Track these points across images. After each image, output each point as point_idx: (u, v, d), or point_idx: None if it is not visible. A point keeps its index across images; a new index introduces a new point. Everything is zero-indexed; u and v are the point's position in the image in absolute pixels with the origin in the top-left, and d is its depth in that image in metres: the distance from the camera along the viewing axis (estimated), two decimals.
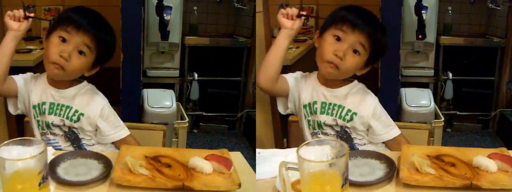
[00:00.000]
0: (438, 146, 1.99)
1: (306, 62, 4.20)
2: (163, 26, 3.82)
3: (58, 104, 2.21)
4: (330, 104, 2.23)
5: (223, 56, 4.44)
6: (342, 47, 2.11)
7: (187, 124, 2.73)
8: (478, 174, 1.75)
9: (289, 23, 2.16)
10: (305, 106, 2.25)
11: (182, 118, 3.32)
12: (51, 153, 1.89)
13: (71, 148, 2.22)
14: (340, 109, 2.23)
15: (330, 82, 2.25)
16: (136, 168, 1.75)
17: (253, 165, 1.91)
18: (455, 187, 1.70)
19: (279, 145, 3.09)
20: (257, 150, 2.02)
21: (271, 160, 1.89)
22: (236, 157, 1.96)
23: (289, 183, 1.54)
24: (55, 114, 2.21)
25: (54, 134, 2.23)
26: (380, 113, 2.26)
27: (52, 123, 2.21)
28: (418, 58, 3.97)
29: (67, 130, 2.22)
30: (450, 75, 4.16)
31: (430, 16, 3.78)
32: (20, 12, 2.13)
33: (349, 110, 2.23)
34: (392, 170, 1.78)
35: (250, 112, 4.46)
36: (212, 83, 4.52)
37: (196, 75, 4.26)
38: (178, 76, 4.08)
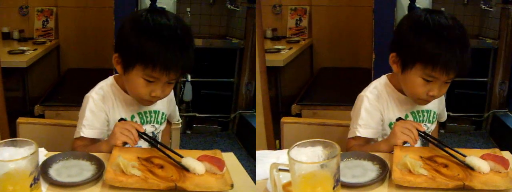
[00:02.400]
0: (431, 147, 1.98)
1: (298, 63, 4.21)
2: None
3: (145, 112, 2.19)
4: (418, 112, 2.20)
5: (216, 58, 4.44)
6: (435, 86, 2.05)
7: (180, 125, 2.71)
8: (470, 175, 1.75)
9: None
10: (390, 125, 2.16)
11: None
12: (43, 154, 1.88)
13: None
14: (428, 114, 2.22)
15: None
16: (128, 169, 1.74)
17: (246, 166, 1.90)
18: (447, 188, 1.69)
19: (271, 146, 3.09)
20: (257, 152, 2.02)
21: (263, 161, 1.89)
22: (229, 158, 1.95)
23: (280, 185, 1.53)
24: (147, 122, 2.20)
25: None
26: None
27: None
28: None
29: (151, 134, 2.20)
30: None
31: None
32: (134, 135, 1.95)
33: (434, 112, 2.23)
34: (385, 172, 1.77)
35: (243, 113, 4.46)
36: (205, 84, 4.52)
37: (189, 76, 4.26)
38: None
